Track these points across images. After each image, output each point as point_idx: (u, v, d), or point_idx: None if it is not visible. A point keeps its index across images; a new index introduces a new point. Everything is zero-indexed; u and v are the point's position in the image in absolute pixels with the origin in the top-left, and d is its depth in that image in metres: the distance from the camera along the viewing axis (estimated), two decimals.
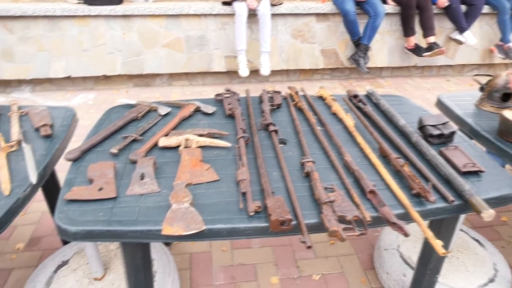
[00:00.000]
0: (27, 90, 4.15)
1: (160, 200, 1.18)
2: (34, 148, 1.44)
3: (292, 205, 1.14)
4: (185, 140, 1.44)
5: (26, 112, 1.69)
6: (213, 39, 4.20)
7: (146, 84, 4.38)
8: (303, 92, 1.95)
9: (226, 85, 4.45)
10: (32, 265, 2.05)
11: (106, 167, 1.28)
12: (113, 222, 1.08)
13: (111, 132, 1.52)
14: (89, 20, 3.96)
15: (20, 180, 1.27)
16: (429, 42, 4.32)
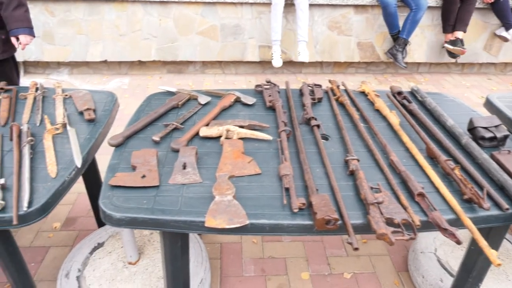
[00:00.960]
0: (65, 72, 4.24)
1: (202, 191, 1.17)
2: (78, 131, 1.46)
3: (337, 204, 1.11)
4: (226, 131, 1.42)
5: (70, 95, 1.72)
6: (248, 28, 4.16)
7: (179, 71, 4.40)
8: (344, 87, 1.89)
9: (258, 75, 4.42)
10: (68, 244, 2.11)
11: (149, 155, 1.28)
12: (156, 210, 1.08)
13: (152, 119, 1.52)
14: (127, 5, 3.99)
15: (65, 163, 1.29)
16: (456, 36, 4.12)
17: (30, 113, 1.59)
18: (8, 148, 1.36)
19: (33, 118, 1.57)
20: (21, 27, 2.05)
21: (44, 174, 1.24)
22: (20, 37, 2.07)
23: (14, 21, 2.04)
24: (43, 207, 1.13)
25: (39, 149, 1.36)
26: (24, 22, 2.07)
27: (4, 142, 1.40)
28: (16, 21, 2.04)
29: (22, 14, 2.05)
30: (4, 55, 2.12)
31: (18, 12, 2.03)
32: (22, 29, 2.06)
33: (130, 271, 1.69)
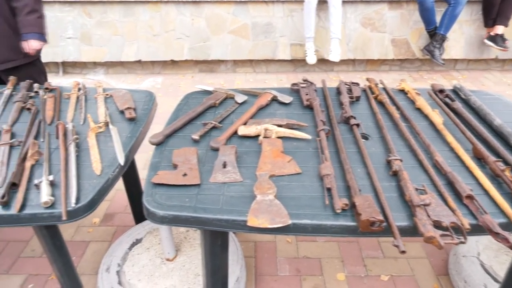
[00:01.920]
0: (101, 72, 4.37)
1: (243, 190, 1.17)
2: (119, 130, 1.50)
3: (381, 205, 1.08)
4: (264, 130, 1.42)
5: (110, 95, 1.76)
6: (279, 26, 4.15)
7: (211, 70, 4.44)
8: (383, 85, 1.85)
9: (289, 73, 4.40)
10: (107, 239, 2.17)
11: (189, 153, 1.29)
12: (198, 209, 1.09)
13: (191, 118, 1.54)
14: (160, 6, 4.06)
15: (109, 161, 1.33)
16: (496, 32, 3.94)
17: (74, 112, 1.64)
18: (55, 146, 1.41)
19: (76, 116, 1.62)
20: (32, 32, 2.08)
21: (89, 171, 1.27)
22: (29, 41, 2.09)
23: (26, 26, 2.07)
24: (90, 204, 1.16)
25: (84, 147, 1.40)
26: (35, 28, 2.09)
27: (51, 140, 1.45)
28: (27, 26, 2.07)
29: (34, 19, 2.07)
30: (27, 60, 2.16)
31: (30, 17, 2.06)
32: (32, 34, 2.08)
33: (168, 268, 1.72)
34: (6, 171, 1.28)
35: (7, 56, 2.09)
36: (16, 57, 2.11)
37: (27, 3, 2.03)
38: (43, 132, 1.49)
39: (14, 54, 2.10)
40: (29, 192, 1.19)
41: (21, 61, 2.14)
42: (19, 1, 2.02)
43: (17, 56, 2.12)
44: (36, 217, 1.12)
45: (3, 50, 2.07)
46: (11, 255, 2.07)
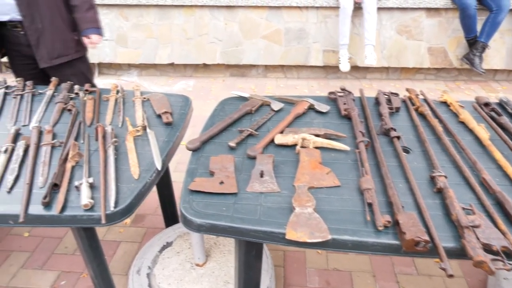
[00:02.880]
0: (135, 74, 4.45)
1: (280, 201, 1.15)
2: (156, 134, 1.51)
3: (426, 224, 1.04)
4: (302, 139, 1.39)
5: (148, 98, 1.78)
6: (312, 32, 4.11)
7: (242, 74, 4.45)
8: (424, 96, 1.79)
9: (321, 79, 4.35)
10: (137, 240, 2.19)
11: (226, 161, 1.29)
12: (236, 219, 1.08)
13: (227, 124, 1.53)
14: (195, 10, 4.11)
15: (146, 165, 1.33)
16: None
17: (112, 115, 1.67)
18: (94, 148, 1.43)
19: (115, 119, 1.64)
20: (92, 27, 2.17)
21: (127, 175, 1.28)
22: (91, 36, 2.18)
23: (86, 22, 2.15)
24: (128, 208, 1.17)
25: (122, 150, 1.42)
26: (95, 23, 2.18)
27: (90, 141, 1.47)
28: (87, 22, 2.16)
29: (93, 15, 2.17)
30: (78, 54, 2.26)
31: (90, 13, 2.16)
32: (92, 29, 2.17)
33: (198, 273, 1.71)
34: (48, 171, 1.31)
35: (61, 51, 2.17)
36: (68, 52, 2.20)
37: (86, 0, 2.12)
38: (83, 133, 1.52)
39: (67, 49, 2.19)
40: (70, 194, 1.21)
41: (73, 55, 2.23)
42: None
43: (69, 51, 2.20)
44: (76, 219, 1.13)
45: (58, 46, 2.15)
46: (46, 251, 2.12)
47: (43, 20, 2.06)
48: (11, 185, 1.24)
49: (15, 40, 2.11)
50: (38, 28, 2.06)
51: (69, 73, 2.24)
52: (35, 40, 2.08)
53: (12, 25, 2.06)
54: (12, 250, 2.13)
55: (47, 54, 2.13)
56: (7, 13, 2.01)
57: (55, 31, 2.11)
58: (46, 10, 2.05)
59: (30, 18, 2.03)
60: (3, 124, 1.62)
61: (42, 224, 1.14)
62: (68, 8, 2.14)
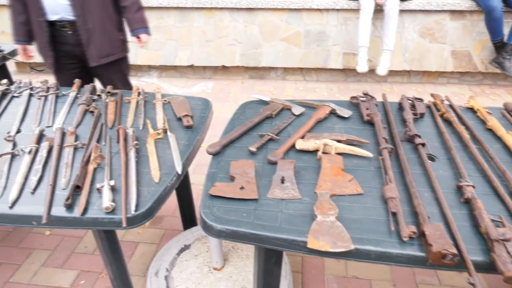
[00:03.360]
0: (154, 75, 4.50)
1: (302, 208, 1.13)
2: (177, 137, 1.51)
3: (453, 236, 1.00)
4: (323, 145, 1.37)
5: (168, 101, 1.79)
6: (332, 34, 4.07)
7: (260, 77, 4.44)
8: (449, 102, 1.74)
9: (340, 82, 4.30)
10: (155, 242, 2.20)
11: (247, 166, 1.27)
12: (257, 225, 1.06)
13: (247, 128, 1.52)
14: (215, 12, 4.12)
15: (167, 169, 1.33)
16: None
17: (134, 117, 1.68)
18: (115, 150, 1.44)
19: (136, 121, 1.65)
20: (141, 27, 2.25)
21: (148, 178, 1.29)
22: (141, 36, 2.26)
23: (135, 22, 2.24)
24: (148, 211, 1.17)
25: (142, 153, 1.42)
26: (143, 23, 2.27)
27: (112, 143, 1.48)
28: (137, 22, 2.24)
29: (141, 16, 2.25)
30: (122, 54, 2.35)
31: (139, 14, 2.24)
32: (142, 29, 2.26)
33: (215, 277, 1.70)
34: (71, 173, 1.32)
35: (109, 50, 2.26)
36: (115, 51, 2.29)
37: (135, 1, 2.20)
38: (104, 135, 1.53)
39: (114, 48, 2.28)
40: (91, 196, 1.21)
41: (119, 55, 2.32)
42: (128, 0, 2.18)
43: (116, 51, 2.29)
44: (97, 221, 1.14)
45: (106, 45, 2.23)
46: (66, 250, 2.15)
47: (94, 21, 2.14)
48: (35, 186, 1.26)
49: (63, 40, 2.19)
50: (89, 28, 2.14)
51: (113, 72, 2.34)
52: (86, 40, 2.16)
53: (60, 25, 2.14)
54: (34, 248, 2.17)
55: (96, 53, 2.22)
56: (58, 12, 2.10)
57: (104, 31, 2.20)
58: (97, 11, 2.14)
59: (82, 18, 2.11)
60: (27, 125, 1.65)
61: (64, 225, 1.15)
62: (116, 9, 2.23)
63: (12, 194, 1.21)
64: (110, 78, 2.36)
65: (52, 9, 2.09)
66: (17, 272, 2.02)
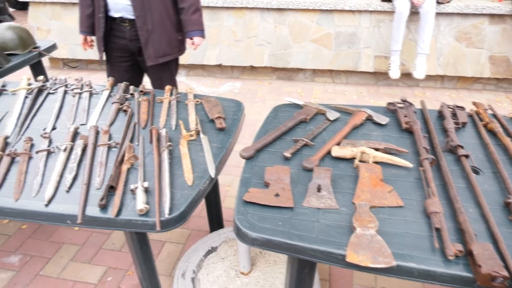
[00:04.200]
0: (182, 74, 4.52)
1: (339, 219, 1.09)
2: (209, 139, 1.49)
3: (502, 256, 0.94)
4: (361, 153, 1.32)
5: (201, 102, 1.77)
6: (364, 37, 3.98)
7: (288, 78, 4.39)
8: (493, 111, 1.65)
9: (370, 86, 4.21)
10: (181, 241, 2.20)
11: (282, 172, 1.24)
12: (292, 235, 1.03)
13: (281, 132, 1.49)
14: (245, 12, 4.10)
15: (200, 172, 1.32)
16: None
17: (166, 117, 1.67)
18: (148, 151, 1.44)
19: (168, 122, 1.64)
20: (196, 29, 2.26)
21: (181, 181, 1.27)
22: (194, 38, 2.27)
23: (191, 24, 2.24)
24: (181, 215, 1.15)
25: (175, 154, 1.41)
26: (199, 25, 2.27)
27: (145, 144, 1.48)
28: (192, 24, 2.24)
29: (198, 18, 2.25)
30: (178, 54, 2.38)
31: (195, 16, 2.24)
32: (196, 32, 2.26)
33: (242, 282, 1.68)
34: (105, 172, 1.32)
35: (166, 50, 2.28)
36: (172, 51, 2.32)
37: (193, 3, 2.22)
38: (137, 135, 1.53)
39: (171, 48, 2.30)
40: (125, 197, 1.21)
41: (175, 55, 2.35)
42: (186, 2, 2.20)
43: (173, 51, 2.32)
44: (131, 223, 1.13)
45: (164, 45, 2.26)
46: (94, 246, 2.18)
47: (154, 22, 2.18)
48: (70, 185, 1.27)
49: (120, 34, 2.25)
50: (148, 29, 2.18)
51: (164, 70, 2.37)
52: (145, 40, 2.20)
53: (120, 20, 2.21)
54: (63, 243, 2.20)
55: (154, 53, 2.25)
56: (119, 11, 2.17)
57: (162, 32, 2.22)
58: (157, 12, 2.17)
59: (142, 19, 2.15)
60: (62, 122, 1.67)
61: (98, 226, 1.15)
62: (176, 10, 2.25)
63: (48, 192, 1.23)
64: (160, 76, 2.37)
65: (114, 7, 2.16)
66: (47, 265, 2.06)
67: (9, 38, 2.46)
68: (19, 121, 1.67)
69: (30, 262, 2.08)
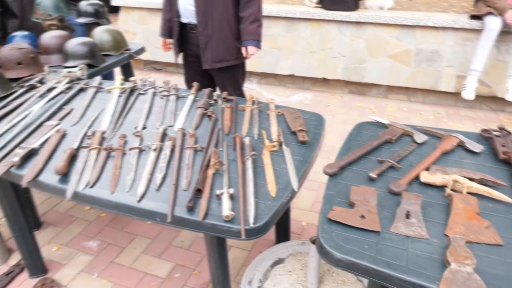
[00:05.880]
0: (254, 82, 4.60)
1: (430, 250, 1.03)
2: (291, 151, 1.49)
3: None
4: (453, 181, 1.25)
5: (282, 113, 1.79)
6: (447, 55, 3.79)
7: (361, 93, 4.30)
8: None
9: (449, 107, 3.98)
10: (246, 248, 2.22)
11: (368, 193, 1.21)
12: (380, 261, 1.00)
13: (366, 151, 1.45)
14: (322, 24, 4.09)
15: (282, 183, 1.32)
16: None
17: (248, 126, 1.71)
18: (231, 157, 1.47)
19: (250, 130, 1.68)
20: (251, 39, 2.33)
21: (264, 191, 1.29)
22: (248, 48, 2.35)
23: (247, 34, 2.33)
24: (264, 226, 1.17)
25: (257, 164, 1.43)
26: (255, 36, 2.34)
27: (228, 150, 1.52)
28: (248, 34, 2.33)
29: (255, 28, 2.32)
30: (237, 61, 2.46)
31: (252, 26, 2.32)
32: (251, 41, 2.34)
33: None
34: (191, 175, 1.38)
35: (223, 56, 2.40)
36: (229, 58, 2.42)
37: (252, 12, 2.30)
38: (221, 141, 1.58)
39: (229, 55, 2.42)
40: (211, 201, 1.25)
41: (232, 62, 2.44)
42: (246, 11, 2.30)
43: (230, 58, 2.43)
44: (216, 228, 1.16)
45: (221, 51, 2.39)
46: (164, 241, 2.27)
47: (213, 27, 2.31)
48: (160, 183, 1.34)
49: (190, 41, 2.44)
50: (208, 34, 2.32)
51: (225, 76, 2.48)
52: (204, 44, 2.35)
53: (190, 27, 2.39)
54: (137, 234, 2.33)
55: (211, 57, 2.38)
56: (187, 16, 2.36)
57: (221, 38, 2.34)
58: (217, 19, 2.30)
59: (203, 24, 2.31)
60: (152, 122, 1.77)
61: (185, 227, 1.20)
62: (237, 18, 2.35)
63: (140, 188, 1.30)
64: (223, 82, 2.48)
65: (183, 13, 2.35)
66: (121, 254, 2.19)
67: (105, 40, 2.67)
68: (114, 118, 1.79)
69: (107, 248, 2.22)
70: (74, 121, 1.77)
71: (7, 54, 2.21)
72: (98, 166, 1.43)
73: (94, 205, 1.33)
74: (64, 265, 2.12)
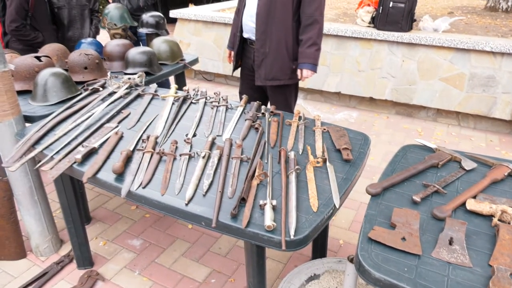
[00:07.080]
0: (300, 97, 4.65)
1: (472, 278, 1.02)
2: (335, 169, 1.52)
3: None
4: (501, 211, 1.22)
5: (327, 130, 1.82)
6: (504, 81, 3.64)
7: (408, 114, 4.21)
8: None
9: (503, 135, 3.81)
10: (282, 261, 2.24)
11: (411, 216, 1.21)
12: (419, 285, 1.00)
13: (411, 174, 1.45)
14: (373, 44, 4.08)
15: (324, 199, 1.35)
16: None
17: (294, 140, 1.75)
18: (275, 170, 1.52)
19: (295, 145, 1.72)
20: (307, 62, 2.37)
21: (306, 205, 1.32)
22: (303, 70, 2.40)
23: (303, 57, 2.37)
24: (304, 239, 1.19)
25: (301, 178, 1.47)
26: (310, 59, 2.37)
27: (273, 163, 1.57)
28: (305, 57, 2.37)
29: (312, 52, 2.36)
30: (290, 81, 2.51)
31: (310, 50, 2.35)
32: (306, 64, 2.38)
33: None
34: (237, 183, 1.44)
35: (276, 75, 2.48)
36: (283, 77, 2.49)
37: (311, 36, 2.35)
38: (267, 154, 1.63)
39: (282, 75, 2.48)
40: (253, 210, 1.30)
41: (285, 82, 2.51)
42: (306, 34, 2.36)
43: (284, 77, 2.49)
44: (257, 236, 1.21)
45: (275, 70, 2.47)
46: (203, 247, 2.35)
47: (271, 47, 2.40)
48: (206, 189, 1.41)
49: (248, 55, 2.56)
50: (264, 52, 2.42)
51: (277, 93, 2.56)
52: (259, 61, 2.45)
53: (250, 42, 2.51)
54: (177, 237, 2.42)
55: (264, 75, 2.47)
56: (247, 32, 2.48)
57: (276, 58, 2.42)
58: (275, 39, 2.38)
59: (261, 42, 2.40)
60: (201, 130, 1.86)
61: (228, 233, 1.26)
62: (296, 40, 2.41)
63: (188, 193, 1.38)
64: (274, 99, 2.55)
65: (245, 28, 2.47)
66: (162, 255, 2.28)
67: (163, 50, 2.84)
68: (167, 124, 1.90)
69: (149, 248, 2.33)
70: (131, 125, 1.89)
71: (76, 59, 2.42)
72: (151, 169, 1.53)
73: (145, 205, 1.42)
74: (108, 260, 2.24)
